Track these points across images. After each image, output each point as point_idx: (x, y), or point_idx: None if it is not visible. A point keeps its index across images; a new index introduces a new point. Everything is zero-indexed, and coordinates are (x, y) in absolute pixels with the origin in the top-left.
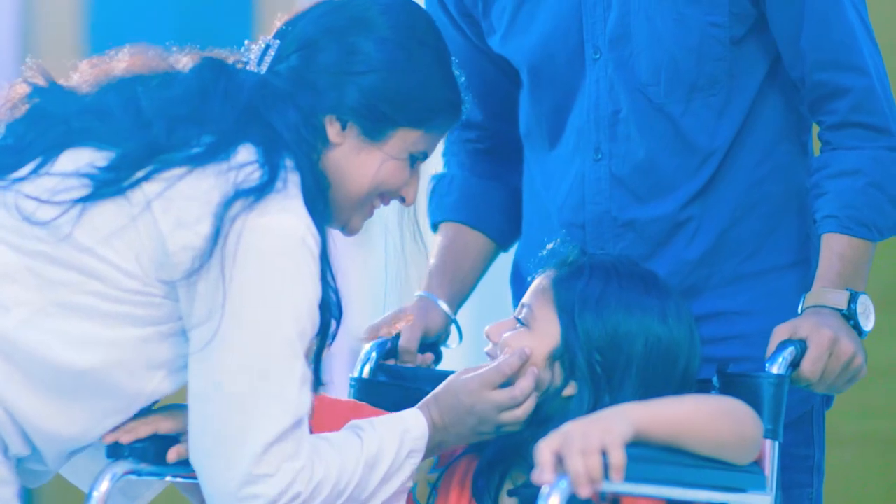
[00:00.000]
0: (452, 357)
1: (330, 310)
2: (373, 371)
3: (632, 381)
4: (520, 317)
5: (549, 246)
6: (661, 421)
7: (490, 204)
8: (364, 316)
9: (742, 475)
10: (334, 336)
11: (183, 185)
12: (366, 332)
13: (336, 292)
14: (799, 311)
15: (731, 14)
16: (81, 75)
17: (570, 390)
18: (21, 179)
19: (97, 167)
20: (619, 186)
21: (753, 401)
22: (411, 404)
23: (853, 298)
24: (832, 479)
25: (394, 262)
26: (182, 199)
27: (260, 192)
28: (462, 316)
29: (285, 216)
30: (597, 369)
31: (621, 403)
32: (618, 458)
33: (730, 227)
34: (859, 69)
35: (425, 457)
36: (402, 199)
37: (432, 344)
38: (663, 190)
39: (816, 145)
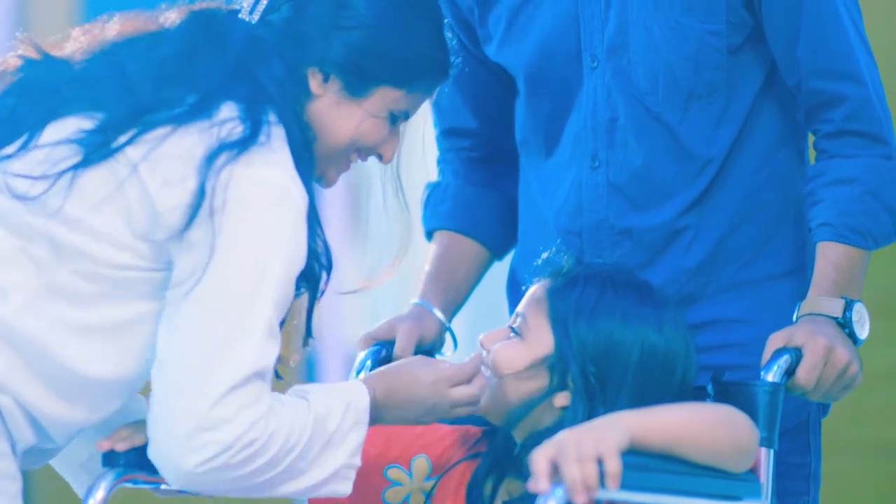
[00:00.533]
0: None
1: (319, 261)
2: None
3: (627, 392)
4: (514, 326)
5: (545, 255)
6: (657, 429)
7: (485, 212)
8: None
9: (737, 483)
10: (324, 289)
11: (167, 145)
12: (361, 339)
13: (325, 244)
14: (794, 319)
15: (728, 23)
16: (74, 43)
17: (562, 400)
18: (9, 157)
19: (84, 131)
20: (616, 194)
21: (748, 409)
22: None
23: (848, 306)
24: (828, 487)
25: (375, 218)
26: (167, 159)
27: (243, 144)
28: (457, 324)
29: (270, 169)
30: (591, 380)
31: (617, 412)
32: (613, 465)
33: (727, 235)
34: (855, 78)
35: None
36: (380, 157)
37: (427, 352)
38: (661, 198)
39: (812, 155)
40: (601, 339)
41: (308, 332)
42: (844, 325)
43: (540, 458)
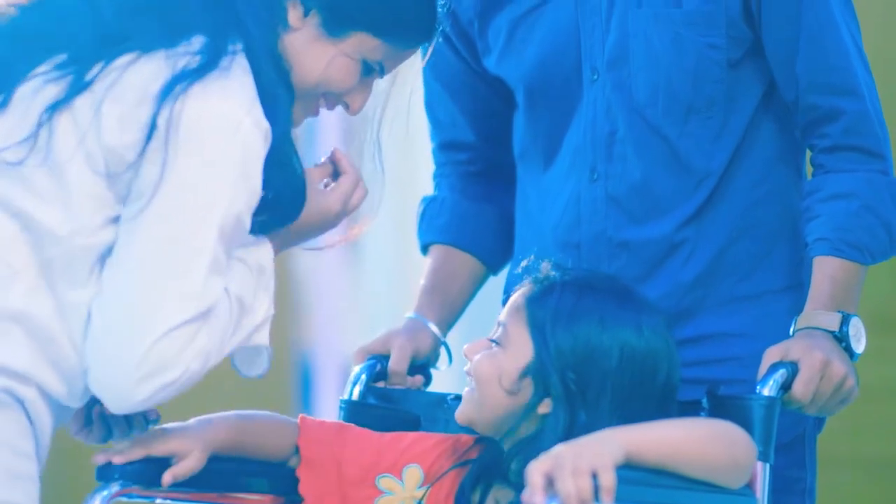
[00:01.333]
0: (442, 379)
1: (287, 192)
2: (362, 393)
3: (608, 397)
4: (495, 336)
5: (524, 263)
6: (653, 444)
7: (481, 226)
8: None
9: (733, 498)
10: (293, 217)
11: (129, 73)
12: (356, 353)
13: (298, 174)
14: (791, 332)
15: (728, 36)
16: None
17: (545, 408)
18: None
19: (56, 66)
20: (614, 207)
21: (744, 423)
22: (401, 427)
23: (845, 321)
24: (823, 501)
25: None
26: (127, 90)
27: (198, 74)
28: (452, 338)
29: (221, 101)
30: (571, 387)
31: (613, 426)
32: (608, 480)
33: (725, 250)
34: (853, 93)
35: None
36: (347, 107)
37: (422, 366)
38: (659, 211)
39: (808, 171)
40: (579, 344)
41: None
42: (841, 339)
43: (535, 472)
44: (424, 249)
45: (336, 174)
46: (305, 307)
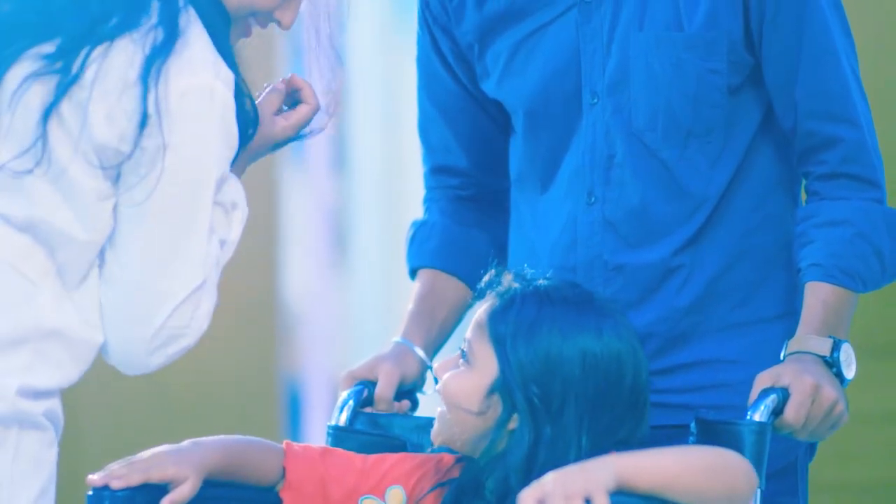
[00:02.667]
0: (429, 403)
1: (247, 119)
2: (350, 419)
3: (572, 407)
4: (463, 352)
5: (486, 278)
6: (647, 471)
7: (470, 252)
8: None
9: None
10: (251, 137)
11: (106, 66)
12: (343, 378)
13: (251, 102)
14: (782, 356)
15: (729, 62)
16: None
17: (513, 424)
18: None
19: (43, 56)
20: (611, 231)
21: (735, 449)
22: (387, 452)
23: (836, 346)
24: None
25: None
26: (109, 84)
27: (166, 49)
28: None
29: (197, 75)
30: (534, 401)
31: (583, 437)
32: (602, 503)
33: (721, 276)
34: (851, 121)
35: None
36: (279, 23)
37: (409, 391)
38: (655, 236)
39: (804, 197)
40: (540, 358)
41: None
42: (832, 364)
43: (527, 499)
44: (413, 273)
45: (292, 99)
46: (293, 331)
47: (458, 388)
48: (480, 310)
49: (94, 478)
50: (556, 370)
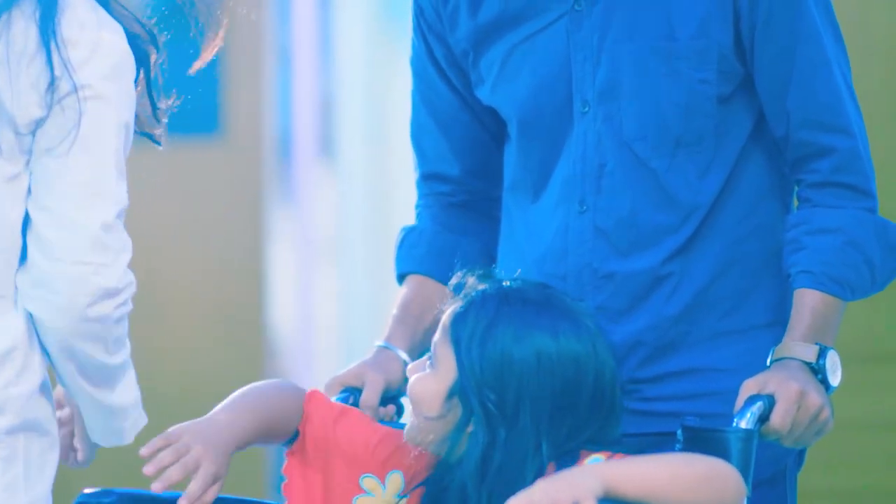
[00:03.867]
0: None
1: (144, 43)
2: None
3: (528, 410)
4: (431, 356)
5: (454, 280)
6: (636, 480)
7: (459, 259)
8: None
9: None
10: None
11: (8, 43)
12: (328, 385)
13: (144, 28)
14: (768, 363)
15: (719, 71)
16: None
17: (472, 427)
18: None
19: None
20: (601, 239)
21: (721, 456)
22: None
23: (822, 353)
24: None
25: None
26: (14, 58)
27: (50, 12)
28: None
29: (86, 30)
30: (488, 405)
31: (542, 440)
32: None
33: (710, 284)
34: (844, 131)
35: None
36: None
37: (393, 396)
38: (645, 244)
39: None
40: (494, 362)
41: (154, 111)
42: (817, 371)
43: None
44: (400, 279)
45: None
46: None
47: (422, 391)
48: (446, 312)
49: (156, 485)
50: (511, 372)
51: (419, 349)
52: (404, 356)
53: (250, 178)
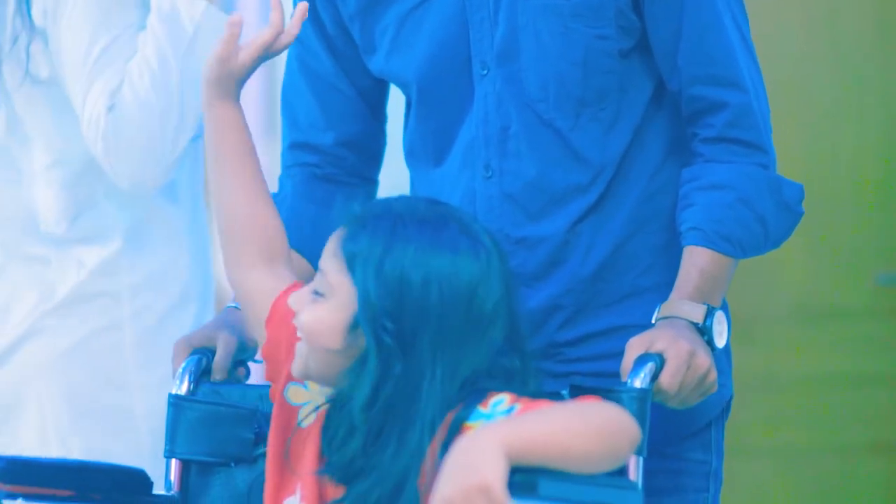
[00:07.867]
0: (260, 371)
1: None
2: (191, 390)
3: (426, 336)
4: (317, 287)
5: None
6: (537, 447)
7: (318, 230)
8: None
9: (622, 493)
10: None
11: None
12: (177, 346)
13: None
14: (653, 320)
15: (617, 27)
16: None
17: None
18: None
19: None
20: (510, 204)
21: None
22: (229, 423)
23: (710, 313)
24: (742, 491)
25: None
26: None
27: None
28: None
29: None
30: (384, 337)
31: (439, 370)
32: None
33: (625, 242)
34: (736, 85)
35: None
36: None
37: (242, 359)
38: (555, 206)
39: None
40: (392, 288)
41: None
42: (703, 331)
43: None
44: None
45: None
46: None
47: (317, 323)
48: (333, 237)
49: None
50: (410, 299)
51: None
52: None
53: None
